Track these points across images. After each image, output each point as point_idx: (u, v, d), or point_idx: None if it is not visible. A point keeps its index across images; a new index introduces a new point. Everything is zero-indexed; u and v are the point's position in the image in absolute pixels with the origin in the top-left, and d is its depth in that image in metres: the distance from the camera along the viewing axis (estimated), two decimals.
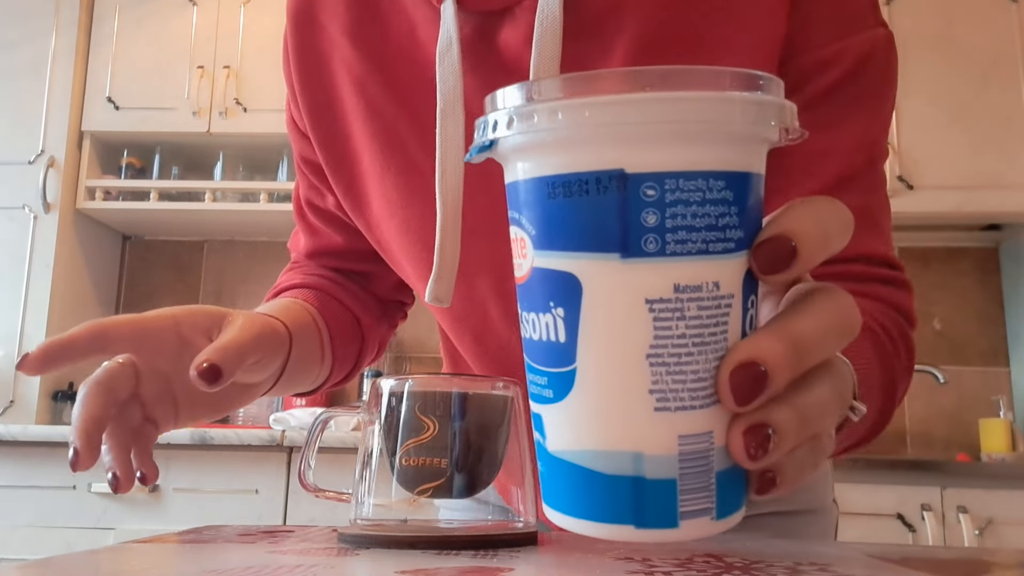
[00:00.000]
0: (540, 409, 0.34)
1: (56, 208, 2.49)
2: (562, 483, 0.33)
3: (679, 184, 0.30)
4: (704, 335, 0.30)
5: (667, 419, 0.31)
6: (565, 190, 0.31)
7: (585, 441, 0.32)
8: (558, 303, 0.31)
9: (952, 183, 2.33)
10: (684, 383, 0.30)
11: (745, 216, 0.31)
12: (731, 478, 0.32)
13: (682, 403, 0.30)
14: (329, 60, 0.66)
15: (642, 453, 0.31)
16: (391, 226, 0.65)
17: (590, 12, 0.56)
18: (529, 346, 0.34)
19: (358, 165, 0.66)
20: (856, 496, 1.97)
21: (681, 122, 0.29)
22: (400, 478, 0.51)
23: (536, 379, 0.34)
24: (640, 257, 0.30)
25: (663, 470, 0.31)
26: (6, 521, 2.12)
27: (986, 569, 0.44)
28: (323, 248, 0.76)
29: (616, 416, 0.31)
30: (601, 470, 0.31)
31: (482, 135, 0.33)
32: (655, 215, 0.30)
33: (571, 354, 0.31)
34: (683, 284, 0.30)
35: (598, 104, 0.29)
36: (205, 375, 0.47)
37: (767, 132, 0.31)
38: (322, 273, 0.76)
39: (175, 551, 0.45)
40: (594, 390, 0.31)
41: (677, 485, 0.31)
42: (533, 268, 0.32)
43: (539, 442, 0.35)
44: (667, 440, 0.31)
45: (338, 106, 0.66)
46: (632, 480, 0.31)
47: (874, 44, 0.58)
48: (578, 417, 0.32)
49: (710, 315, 0.30)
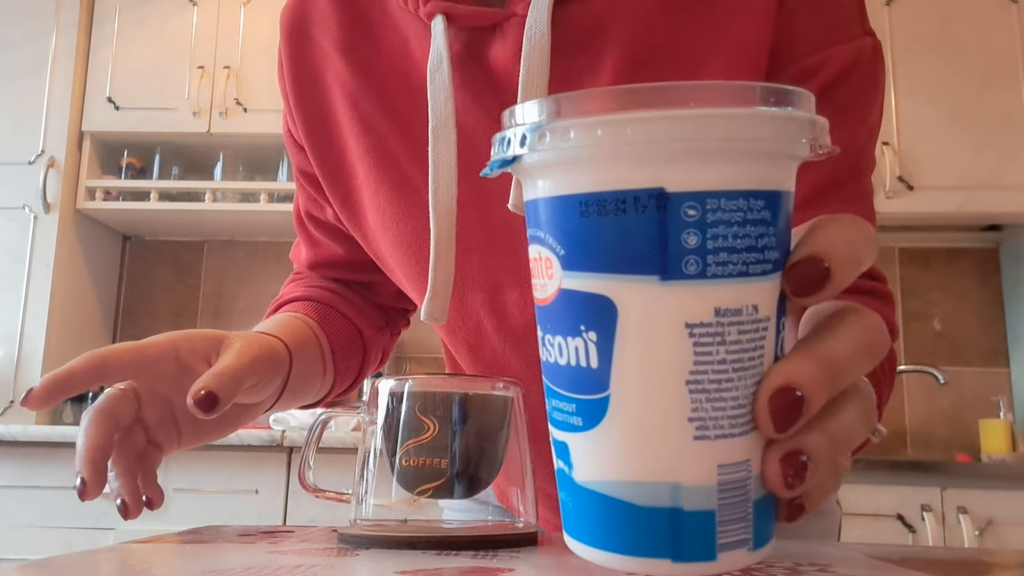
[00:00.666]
0: (566, 437, 0.32)
1: (56, 208, 2.49)
2: (591, 515, 0.31)
3: (720, 204, 0.29)
4: (744, 360, 0.29)
5: (707, 448, 0.29)
6: (600, 209, 0.29)
7: (618, 471, 0.30)
8: (590, 327, 0.30)
9: (952, 183, 2.33)
10: (724, 410, 0.29)
11: (780, 236, 0.31)
12: (765, 507, 0.31)
13: (722, 431, 0.29)
14: (323, 75, 0.67)
15: (680, 484, 0.29)
16: (386, 239, 0.66)
17: (578, 28, 0.57)
18: (553, 371, 0.32)
19: (353, 179, 0.67)
20: (856, 496, 1.97)
21: (726, 140, 0.28)
22: (400, 478, 0.51)
23: (562, 405, 0.32)
24: (680, 280, 0.29)
25: (702, 501, 0.29)
26: (6, 521, 2.12)
27: (986, 570, 0.44)
28: (324, 259, 0.76)
29: (653, 446, 0.30)
30: (635, 501, 0.30)
31: (503, 150, 0.32)
32: (696, 236, 0.29)
33: (604, 381, 0.30)
34: (724, 308, 0.29)
35: (641, 120, 0.28)
36: (202, 403, 0.47)
37: (801, 149, 0.31)
38: (324, 285, 0.76)
39: (175, 551, 0.45)
40: (630, 418, 0.30)
41: (716, 516, 0.30)
42: (561, 290, 0.31)
43: (563, 471, 0.33)
44: (706, 470, 0.29)
45: (333, 120, 0.67)
46: (669, 512, 0.30)
47: (860, 53, 0.58)
48: (611, 446, 0.30)
49: (749, 339, 0.30)
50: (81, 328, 2.62)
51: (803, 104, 0.30)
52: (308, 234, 0.77)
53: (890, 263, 2.65)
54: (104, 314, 2.77)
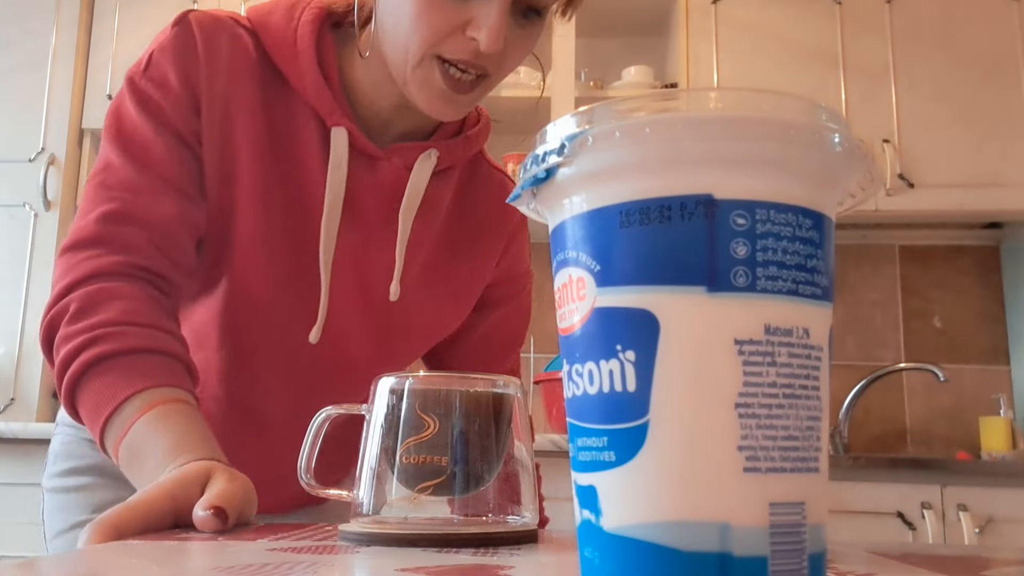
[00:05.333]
0: (595, 479, 0.29)
1: (57, 206, 2.49)
2: (625, 568, 0.27)
3: (770, 215, 0.27)
4: (795, 386, 0.27)
5: (758, 482, 0.26)
6: (642, 217, 0.28)
7: (659, 511, 0.27)
8: (628, 346, 0.28)
9: (953, 181, 2.33)
10: (775, 440, 0.27)
11: (827, 262, 0.29)
12: (819, 567, 0.28)
13: (773, 463, 0.27)
14: (234, 108, 0.78)
15: (730, 524, 0.26)
16: (260, 249, 0.79)
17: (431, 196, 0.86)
18: (580, 404, 0.30)
19: (237, 166, 0.78)
20: (856, 494, 1.97)
21: (784, 147, 0.27)
22: (401, 476, 0.51)
23: (590, 442, 0.29)
24: (729, 292, 0.27)
25: (753, 545, 0.26)
26: (7, 518, 2.12)
27: (986, 567, 0.44)
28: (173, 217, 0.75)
29: (700, 476, 0.27)
30: (679, 547, 0.26)
31: (537, 165, 0.30)
32: (745, 246, 0.27)
33: (643, 405, 0.27)
34: (774, 326, 0.27)
35: (694, 120, 0.27)
36: (215, 518, 0.54)
37: (849, 182, 0.29)
38: (157, 322, 0.72)
39: (176, 549, 0.45)
40: (673, 445, 0.27)
41: (768, 565, 0.26)
42: (595, 310, 0.29)
43: (588, 522, 0.29)
44: (758, 508, 0.26)
45: (229, 128, 0.78)
46: (718, 558, 0.26)
47: (528, 285, 1.03)
48: (651, 480, 0.27)
49: (800, 364, 0.28)
50: None
51: (861, 147, 0.29)
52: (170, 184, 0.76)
53: (890, 261, 2.65)
54: None
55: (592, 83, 2.55)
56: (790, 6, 2.43)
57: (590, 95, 2.45)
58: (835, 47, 2.39)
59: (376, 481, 0.52)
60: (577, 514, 0.30)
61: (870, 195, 0.31)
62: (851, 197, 0.30)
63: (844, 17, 2.41)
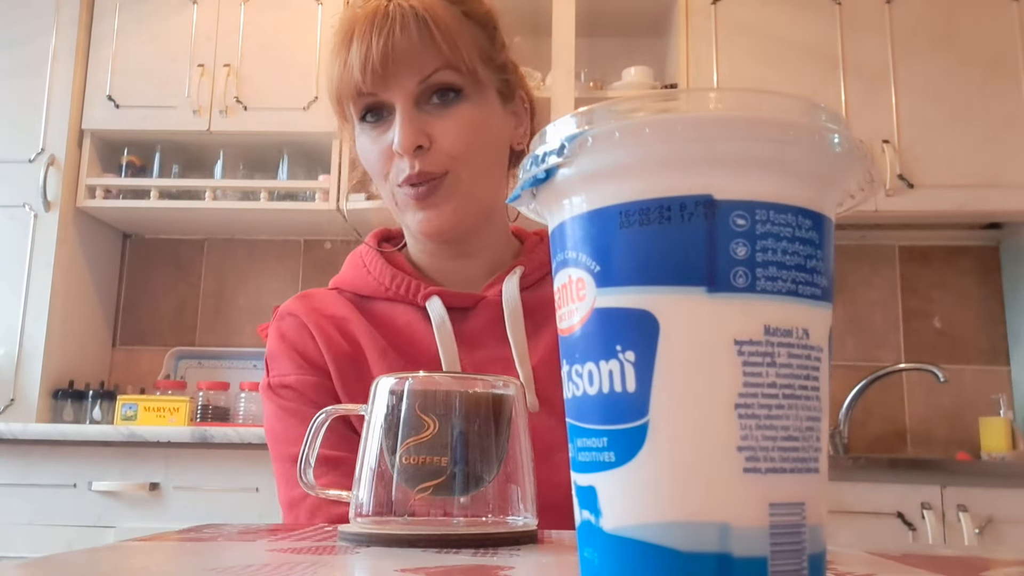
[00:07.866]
0: (594, 479, 0.29)
1: (56, 206, 2.49)
2: (624, 569, 0.28)
3: (770, 216, 0.27)
4: (794, 387, 0.27)
5: (757, 482, 0.27)
6: (642, 218, 0.28)
7: (657, 511, 0.27)
8: (627, 346, 0.28)
9: (953, 181, 2.33)
10: (775, 440, 0.27)
11: (827, 264, 0.29)
12: (819, 568, 0.28)
13: (772, 463, 0.27)
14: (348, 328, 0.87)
15: (729, 524, 0.26)
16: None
17: (529, 305, 0.86)
18: (579, 405, 0.30)
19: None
20: (856, 495, 1.97)
21: (783, 147, 0.27)
22: (400, 476, 0.51)
23: (590, 443, 0.29)
24: (728, 292, 0.27)
25: (753, 546, 0.26)
26: (6, 519, 2.12)
27: (986, 567, 0.44)
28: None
29: (700, 477, 0.27)
30: (678, 547, 0.26)
31: (537, 166, 0.30)
32: (745, 247, 0.27)
33: (643, 405, 0.27)
34: (773, 326, 0.27)
35: (693, 120, 0.27)
36: None
37: (849, 183, 0.30)
38: None
39: (175, 549, 0.45)
40: (672, 445, 0.27)
41: (768, 566, 0.26)
42: (594, 310, 0.29)
43: (588, 523, 0.29)
44: (757, 508, 0.27)
45: (360, 355, 0.85)
46: (717, 559, 0.26)
47: None
48: (650, 480, 0.27)
49: (800, 365, 0.28)
50: (81, 326, 2.62)
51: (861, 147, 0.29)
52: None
53: (890, 261, 2.65)
54: (104, 312, 2.77)
55: (592, 83, 2.55)
56: (790, 6, 2.43)
57: (590, 95, 2.45)
58: (835, 47, 2.40)
59: (376, 481, 0.52)
60: (577, 514, 0.30)
61: (870, 195, 0.31)
62: (851, 198, 0.30)
63: (844, 17, 2.41)
